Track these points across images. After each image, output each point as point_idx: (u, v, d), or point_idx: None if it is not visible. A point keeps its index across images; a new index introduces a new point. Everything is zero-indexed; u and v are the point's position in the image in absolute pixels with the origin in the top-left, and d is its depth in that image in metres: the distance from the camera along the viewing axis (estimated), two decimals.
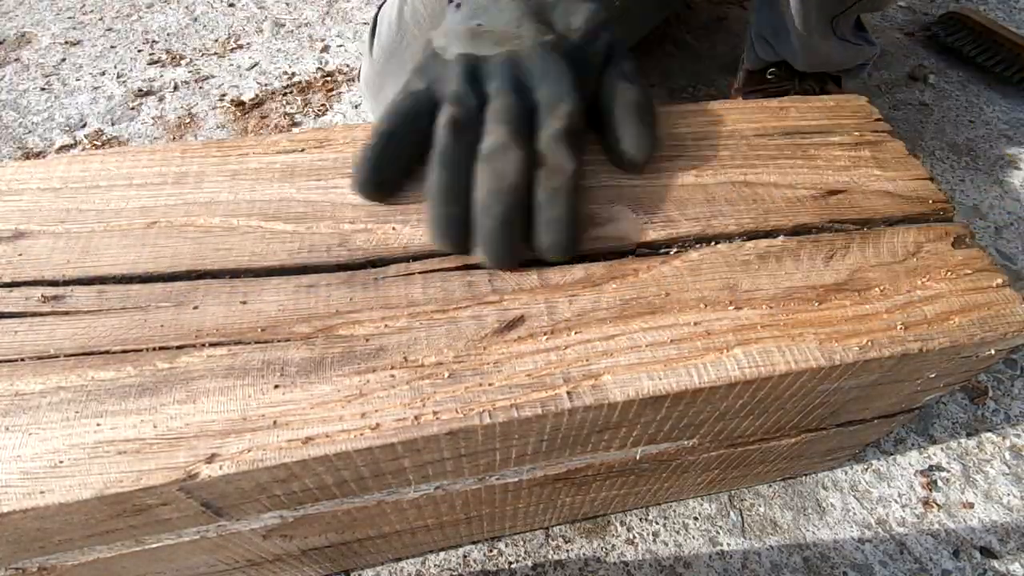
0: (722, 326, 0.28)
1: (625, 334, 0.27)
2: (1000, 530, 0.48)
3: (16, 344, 0.26)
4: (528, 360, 0.26)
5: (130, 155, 0.33)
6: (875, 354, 0.27)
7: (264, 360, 0.26)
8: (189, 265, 0.29)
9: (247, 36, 0.92)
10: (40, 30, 0.93)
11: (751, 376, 0.26)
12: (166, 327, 0.27)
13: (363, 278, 0.29)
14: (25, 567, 0.28)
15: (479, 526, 0.41)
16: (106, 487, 0.22)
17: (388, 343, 0.27)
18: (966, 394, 0.56)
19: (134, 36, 0.92)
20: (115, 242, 0.30)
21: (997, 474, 0.51)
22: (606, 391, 0.25)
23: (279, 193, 0.32)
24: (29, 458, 0.23)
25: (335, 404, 0.25)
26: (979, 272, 0.30)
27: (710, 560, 0.46)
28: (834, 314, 0.28)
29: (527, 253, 0.29)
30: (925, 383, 0.33)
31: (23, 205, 0.31)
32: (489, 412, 0.25)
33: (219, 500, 0.25)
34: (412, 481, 0.29)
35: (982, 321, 0.29)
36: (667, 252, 0.30)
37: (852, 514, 0.48)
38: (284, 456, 0.23)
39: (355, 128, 0.35)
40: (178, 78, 0.85)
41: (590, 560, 0.46)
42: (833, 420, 0.36)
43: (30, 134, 0.77)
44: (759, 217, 0.32)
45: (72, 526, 0.25)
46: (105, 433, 0.24)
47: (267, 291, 0.28)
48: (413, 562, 0.45)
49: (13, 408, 0.24)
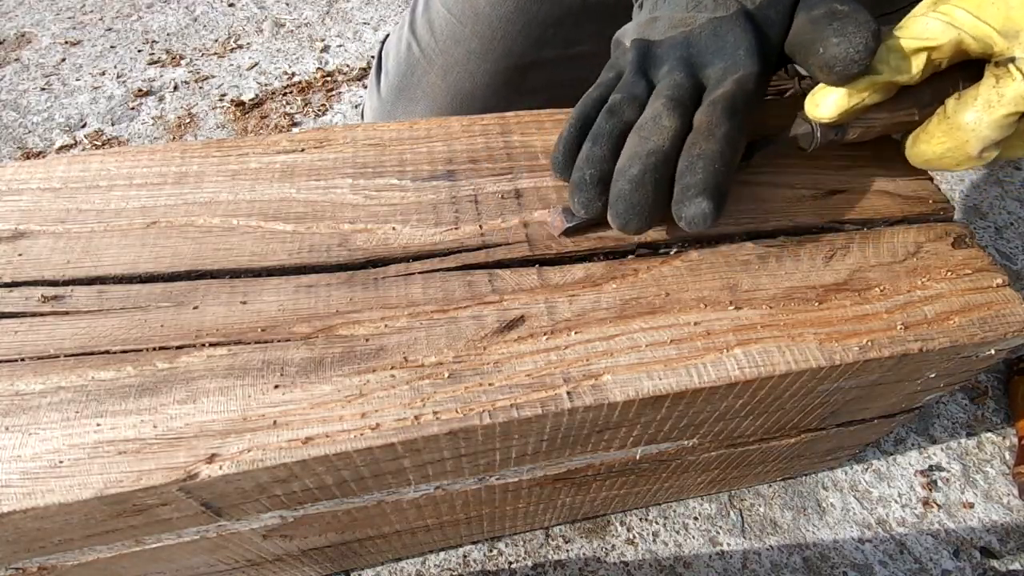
0: (722, 326, 0.28)
1: (625, 334, 0.27)
2: (1000, 530, 0.48)
3: (16, 344, 0.26)
4: (528, 360, 0.26)
5: (130, 155, 0.33)
6: (875, 354, 0.27)
7: (264, 360, 0.26)
8: (189, 265, 0.29)
9: (247, 36, 0.92)
10: (40, 30, 0.93)
11: (751, 376, 0.26)
12: (166, 327, 0.27)
13: (363, 278, 0.29)
14: (25, 567, 0.28)
15: (479, 526, 0.41)
16: (106, 487, 0.22)
17: (388, 343, 0.27)
18: (966, 394, 0.56)
19: (134, 36, 0.92)
20: (115, 242, 0.30)
21: (997, 474, 0.51)
22: (606, 391, 0.25)
23: (279, 193, 0.32)
24: (29, 458, 0.23)
25: (335, 404, 0.25)
26: (979, 272, 0.30)
27: (710, 560, 0.46)
28: (834, 314, 0.28)
29: (656, 223, 0.28)
30: (925, 383, 0.33)
31: (23, 205, 0.31)
32: (489, 412, 0.25)
33: (219, 500, 0.25)
34: (412, 481, 0.29)
35: (982, 321, 0.29)
36: (667, 252, 0.30)
37: (852, 514, 0.48)
38: (284, 456, 0.23)
39: (355, 128, 0.35)
40: (178, 78, 0.85)
41: (590, 560, 0.46)
42: (833, 420, 0.36)
43: (30, 134, 0.77)
44: (759, 217, 0.32)
45: (72, 526, 0.25)
46: (105, 433, 0.24)
47: (267, 291, 0.28)
48: (413, 562, 0.45)
49: (13, 408, 0.24)
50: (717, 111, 0.28)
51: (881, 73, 0.28)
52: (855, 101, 0.29)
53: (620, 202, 0.27)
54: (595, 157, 0.29)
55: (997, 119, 0.28)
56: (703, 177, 0.27)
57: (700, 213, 0.26)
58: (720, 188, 0.27)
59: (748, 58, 0.30)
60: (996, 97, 0.28)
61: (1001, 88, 0.27)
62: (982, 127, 0.28)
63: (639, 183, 0.27)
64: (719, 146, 0.27)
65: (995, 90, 0.28)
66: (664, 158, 0.28)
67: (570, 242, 0.30)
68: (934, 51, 0.28)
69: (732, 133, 0.28)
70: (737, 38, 0.30)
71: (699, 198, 0.26)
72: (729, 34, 0.30)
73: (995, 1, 0.27)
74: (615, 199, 0.28)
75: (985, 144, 0.29)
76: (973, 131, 0.29)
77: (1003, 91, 0.27)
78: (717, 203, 0.27)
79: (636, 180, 0.27)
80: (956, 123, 0.29)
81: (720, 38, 0.30)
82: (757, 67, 0.30)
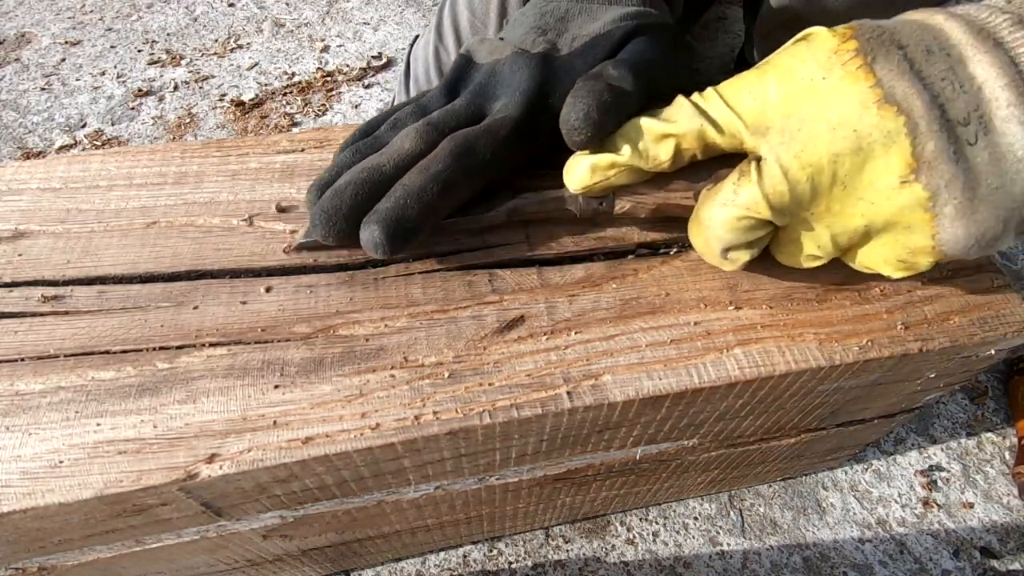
0: (722, 326, 0.28)
1: (625, 334, 0.27)
2: (1000, 530, 0.48)
3: (16, 344, 0.26)
4: (528, 360, 0.26)
5: (130, 155, 0.33)
6: (875, 354, 0.27)
7: (264, 360, 0.26)
8: (189, 265, 0.29)
9: (247, 36, 0.92)
10: (40, 30, 0.93)
11: (751, 376, 0.26)
12: (166, 327, 0.27)
13: (363, 278, 0.29)
14: (25, 567, 0.28)
15: (479, 526, 0.41)
16: (106, 487, 0.23)
17: (388, 343, 0.27)
18: (966, 394, 0.56)
19: (134, 36, 0.92)
20: (115, 242, 0.30)
21: (997, 474, 0.51)
22: (606, 391, 0.25)
23: (279, 193, 0.32)
24: (29, 458, 0.23)
25: (335, 404, 0.25)
26: (979, 272, 0.30)
27: (710, 560, 0.46)
28: (834, 314, 0.28)
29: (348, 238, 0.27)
30: (925, 383, 0.33)
31: (23, 205, 0.31)
32: (489, 412, 0.25)
33: (219, 500, 0.25)
34: (412, 481, 0.29)
35: (982, 321, 0.29)
36: (667, 252, 0.30)
37: (852, 514, 0.48)
38: (284, 456, 0.23)
39: (355, 128, 0.35)
40: (178, 78, 0.85)
41: (590, 560, 0.46)
42: (833, 420, 0.36)
43: (30, 134, 0.77)
44: None
45: (72, 526, 0.25)
46: (105, 433, 0.24)
47: (267, 291, 0.28)
48: (413, 562, 0.45)
49: (13, 408, 0.24)
50: (446, 148, 0.27)
51: (623, 155, 0.26)
52: (598, 178, 0.26)
53: (317, 209, 0.27)
54: (338, 163, 0.28)
55: (729, 220, 0.25)
56: (390, 207, 0.26)
57: (370, 239, 0.26)
58: (403, 223, 0.26)
59: (516, 102, 0.28)
60: (732, 197, 0.24)
61: (739, 187, 0.24)
62: (715, 226, 0.25)
63: (338, 193, 0.26)
64: (423, 182, 0.26)
65: (733, 188, 0.25)
66: (378, 176, 0.27)
67: (570, 242, 0.30)
68: (681, 139, 0.25)
69: (448, 174, 0.26)
70: (521, 80, 0.29)
71: (375, 225, 0.25)
72: (518, 73, 0.29)
73: (752, 91, 0.24)
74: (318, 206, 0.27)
75: (724, 244, 0.25)
76: (709, 229, 0.25)
77: (739, 191, 0.24)
78: (390, 235, 0.25)
79: (337, 190, 0.27)
80: (698, 217, 0.26)
81: (513, 75, 0.29)
82: (519, 113, 0.28)
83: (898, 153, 0.22)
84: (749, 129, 0.24)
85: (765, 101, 0.24)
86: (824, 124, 0.22)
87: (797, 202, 0.24)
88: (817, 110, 0.23)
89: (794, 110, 0.23)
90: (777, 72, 0.24)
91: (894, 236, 0.24)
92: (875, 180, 0.23)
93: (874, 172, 0.23)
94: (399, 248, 0.26)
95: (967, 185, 0.22)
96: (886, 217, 0.23)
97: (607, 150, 0.26)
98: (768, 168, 0.24)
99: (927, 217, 0.23)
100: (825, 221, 0.25)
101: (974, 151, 0.22)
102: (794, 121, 0.23)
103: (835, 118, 0.22)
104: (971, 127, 0.22)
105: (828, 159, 0.23)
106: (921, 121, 0.21)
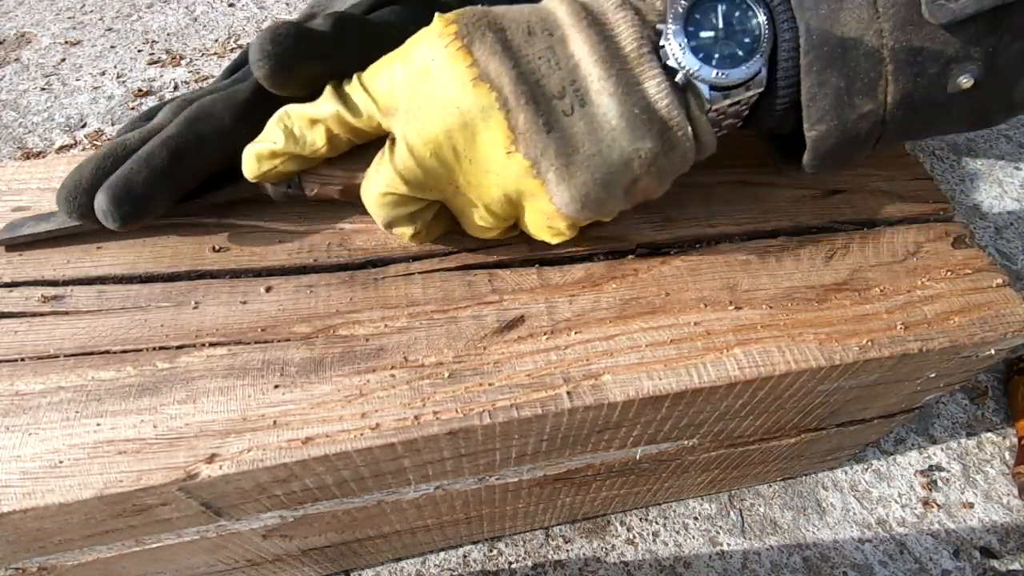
0: (722, 326, 0.28)
1: (625, 334, 0.27)
2: (1000, 530, 0.48)
3: (16, 344, 0.26)
4: (528, 360, 0.26)
5: None
6: (875, 354, 0.27)
7: (264, 360, 0.26)
8: (189, 265, 0.29)
9: (247, 36, 0.92)
10: (40, 30, 0.93)
11: (751, 376, 0.26)
12: (166, 327, 0.27)
13: (363, 278, 0.29)
14: (25, 567, 0.28)
15: (479, 526, 0.41)
16: (106, 487, 0.23)
17: (388, 343, 0.27)
18: (966, 394, 0.56)
19: (134, 36, 0.92)
20: (115, 242, 0.30)
21: (997, 474, 0.51)
22: (606, 391, 0.25)
23: None
24: (29, 458, 0.23)
25: (335, 404, 0.25)
26: (979, 272, 0.30)
27: (710, 560, 0.46)
28: (834, 314, 0.28)
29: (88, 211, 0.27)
30: (925, 383, 0.33)
31: (23, 205, 0.31)
32: (489, 412, 0.25)
33: (219, 500, 0.25)
34: (412, 481, 0.29)
35: (982, 321, 0.29)
36: (667, 252, 0.30)
37: (852, 514, 0.48)
38: (284, 456, 0.23)
39: None
40: (178, 78, 0.85)
41: (590, 560, 0.46)
42: (833, 420, 0.36)
43: (30, 134, 0.77)
44: (759, 217, 0.32)
45: (72, 526, 0.25)
46: (105, 433, 0.24)
47: (267, 291, 0.28)
48: (413, 562, 0.45)
49: (13, 408, 0.24)
50: (182, 116, 0.27)
51: (278, 143, 0.26)
52: (266, 167, 0.26)
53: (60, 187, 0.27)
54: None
55: (376, 197, 0.26)
56: (119, 175, 0.26)
57: (98, 208, 0.26)
58: (130, 189, 0.26)
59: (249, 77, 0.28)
60: (375, 175, 0.26)
61: (380, 166, 0.25)
62: (369, 203, 0.26)
63: (79, 168, 0.26)
64: (152, 147, 0.26)
65: (376, 167, 0.26)
66: (120, 149, 0.27)
67: (570, 242, 0.30)
68: (326, 123, 0.25)
69: (178, 140, 0.26)
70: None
71: (101, 193, 0.25)
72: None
73: (383, 75, 0.25)
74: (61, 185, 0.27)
75: (383, 220, 0.26)
76: (367, 206, 0.27)
77: (380, 169, 0.25)
78: (116, 202, 0.25)
79: (79, 166, 0.27)
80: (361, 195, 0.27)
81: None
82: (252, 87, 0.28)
83: (496, 126, 0.23)
84: (381, 111, 0.25)
85: (393, 83, 0.24)
86: (436, 103, 0.24)
87: (434, 176, 0.25)
88: (431, 90, 0.24)
89: (415, 91, 0.24)
90: (401, 56, 0.25)
91: (530, 204, 0.26)
92: (489, 152, 0.24)
93: (487, 145, 0.24)
94: (129, 216, 0.26)
95: (561, 152, 0.23)
96: (513, 186, 0.25)
97: (266, 139, 0.26)
98: (398, 147, 0.25)
99: (538, 183, 0.24)
100: (474, 193, 0.26)
101: (571, 121, 0.23)
102: (415, 101, 0.24)
103: (443, 97, 0.23)
104: (567, 99, 0.23)
105: (444, 135, 0.24)
106: (511, 96, 0.23)
